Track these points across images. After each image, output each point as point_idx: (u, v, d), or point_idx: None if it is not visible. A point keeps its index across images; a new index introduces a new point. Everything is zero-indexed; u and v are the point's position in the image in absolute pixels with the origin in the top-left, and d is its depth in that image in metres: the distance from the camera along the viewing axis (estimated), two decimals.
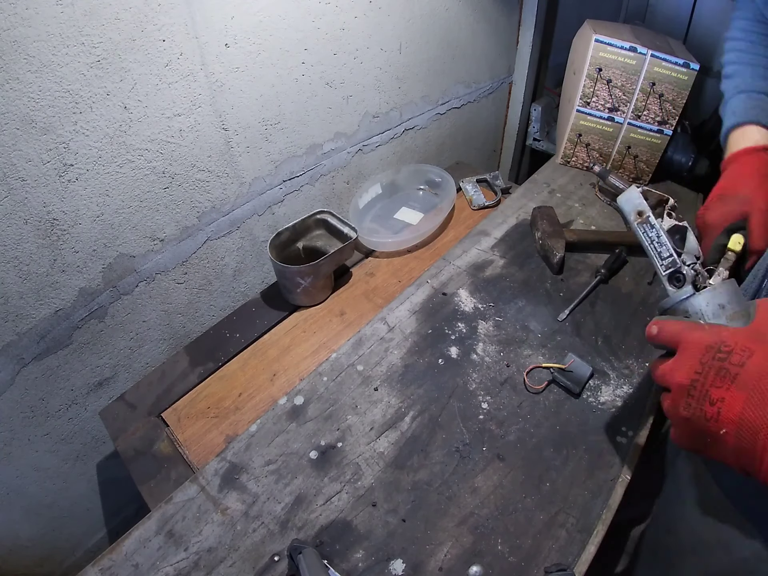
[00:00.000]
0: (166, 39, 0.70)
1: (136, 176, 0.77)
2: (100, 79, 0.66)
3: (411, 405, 0.69)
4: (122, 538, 0.57)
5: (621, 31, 1.03)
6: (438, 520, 0.58)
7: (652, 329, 0.44)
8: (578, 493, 0.60)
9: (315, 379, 0.73)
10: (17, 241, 0.68)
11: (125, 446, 0.76)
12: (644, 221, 0.47)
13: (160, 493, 0.69)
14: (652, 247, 0.46)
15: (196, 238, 0.91)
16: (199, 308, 1.00)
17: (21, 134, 0.62)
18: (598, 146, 1.11)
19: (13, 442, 0.81)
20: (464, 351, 0.76)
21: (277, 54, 0.85)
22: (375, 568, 0.55)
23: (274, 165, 0.96)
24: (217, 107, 0.81)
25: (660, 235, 0.46)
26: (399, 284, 0.97)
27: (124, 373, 0.94)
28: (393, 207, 1.15)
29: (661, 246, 0.46)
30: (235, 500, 0.60)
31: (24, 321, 0.74)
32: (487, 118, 1.49)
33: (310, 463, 0.64)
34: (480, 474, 0.62)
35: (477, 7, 1.19)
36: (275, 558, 0.55)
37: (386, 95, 1.10)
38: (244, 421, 0.76)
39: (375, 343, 0.77)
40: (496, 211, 1.04)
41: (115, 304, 0.85)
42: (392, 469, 0.63)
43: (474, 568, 0.54)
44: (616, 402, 0.69)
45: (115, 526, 1.07)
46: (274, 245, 0.90)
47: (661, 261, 0.46)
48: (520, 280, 0.87)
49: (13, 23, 0.56)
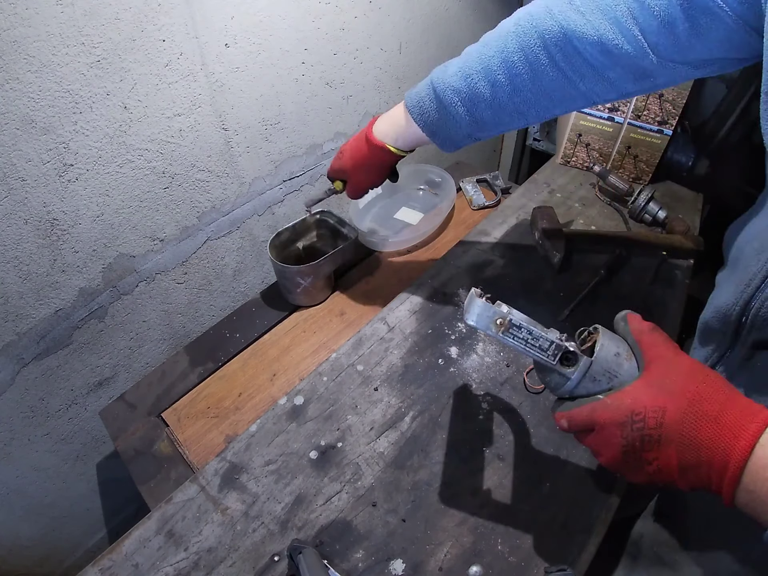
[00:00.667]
0: (166, 39, 0.70)
1: (136, 176, 0.77)
2: (100, 79, 0.66)
3: (411, 405, 0.69)
4: (122, 538, 0.57)
5: None
6: (438, 520, 0.58)
7: (562, 423, 0.43)
8: (578, 493, 0.60)
9: (315, 379, 0.73)
10: (17, 241, 0.68)
11: (125, 446, 0.76)
12: (508, 327, 0.43)
13: (160, 493, 0.69)
14: (530, 346, 0.43)
15: (196, 238, 0.91)
16: (199, 308, 1.00)
17: (21, 134, 0.62)
18: (598, 146, 1.11)
19: (13, 442, 0.81)
20: (464, 351, 0.76)
21: (277, 54, 0.85)
22: (375, 568, 0.55)
23: (274, 165, 0.96)
24: (217, 107, 0.81)
25: (531, 330, 0.43)
26: (399, 284, 0.97)
27: (124, 373, 0.94)
28: (393, 207, 1.15)
29: (538, 340, 0.43)
30: (235, 500, 0.60)
31: (24, 321, 0.75)
32: None
33: (310, 463, 0.64)
34: (480, 474, 0.62)
35: (477, 7, 1.19)
36: (275, 558, 0.55)
37: (386, 95, 1.10)
38: (244, 421, 0.76)
39: (375, 343, 0.77)
40: (496, 211, 1.04)
41: (115, 304, 0.85)
42: (392, 469, 0.63)
43: (474, 568, 0.54)
44: None
45: (115, 526, 1.07)
46: (274, 245, 0.90)
47: (546, 353, 0.43)
48: (520, 280, 0.87)
49: (13, 23, 0.56)
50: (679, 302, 0.83)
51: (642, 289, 0.86)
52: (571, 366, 0.42)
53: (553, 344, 0.43)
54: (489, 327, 0.44)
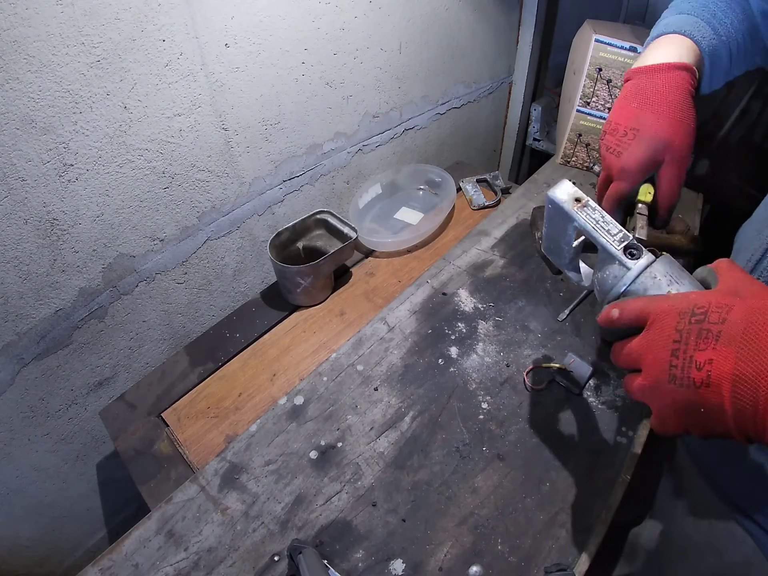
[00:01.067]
0: (166, 39, 0.70)
1: (136, 176, 0.77)
2: (100, 79, 0.66)
3: (411, 405, 0.69)
4: (122, 538, 0.57)
5: (621, 31, 1.03)
6: (438, 520, 0.58)
7: (612, 312, 0.39)
8: (578, 493, 0.60)
9: (315, 379, 0.73)
10: (17, 241, 0.68)
11: (125, 446, 0.76)
12: (584, 206, 0.45)
13: (160, 493, 0.69)
14: (599, 228, 0.44)
15: (196, 238, 0.91)
16: (199, 308, 1.00)
17: (21, 134, 0.62)
18: (598, 146, 1.11)
19: (13, 442, 0.81)
20: (464, 351, 0.76)
21: (277, 54, 0.85)
22: (375, 568, 0.55)
23: (274, 165, 0.96)
24: (217, 107, 0.81)
25: (604, 215, 0.45)
26: (399, 284, 0.97)
27: (124, 373, 0.94)
28: (393, 207, 1.15)
29: (608, 224, 0.44)
30: (235, 500, 0.60)
31: (24, 321, 0.74)
32: (487, 118, 1.49)
33: (310, 463, 0.64)
34: (480, 474, 0.62)
35: (477, 7, 1.19)
36: (275, 558, 0.55)
37: (386, 95, 1.10)
38: (244, 421, 0.76)
39: (375, 343, 0.77)
40: (496, 211, 1.04)
41: (115, 304, 0.85)
42: (392, 469, 0.63)
43: (474, 568, 0.54)
44: (616, 402, 0.69)
45: (115, 526, 1.07)
46: (274, 245, 0.90)
47: (613, 238, 0.44)
48: (520, 280, 0.87)
49: (13, 23, 0.56)
50: None
51: None
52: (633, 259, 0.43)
53: (621, 232, 0.44)
54: (567, 201, 0.45)
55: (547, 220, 0.49)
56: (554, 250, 0.50)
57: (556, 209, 0.46)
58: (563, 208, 0.45)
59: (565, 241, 0.48)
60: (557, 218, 0.46)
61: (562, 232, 0.47)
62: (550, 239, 0.50)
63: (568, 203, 0.45)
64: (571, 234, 0.47)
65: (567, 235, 0.47)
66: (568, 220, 0.45)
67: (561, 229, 0.47)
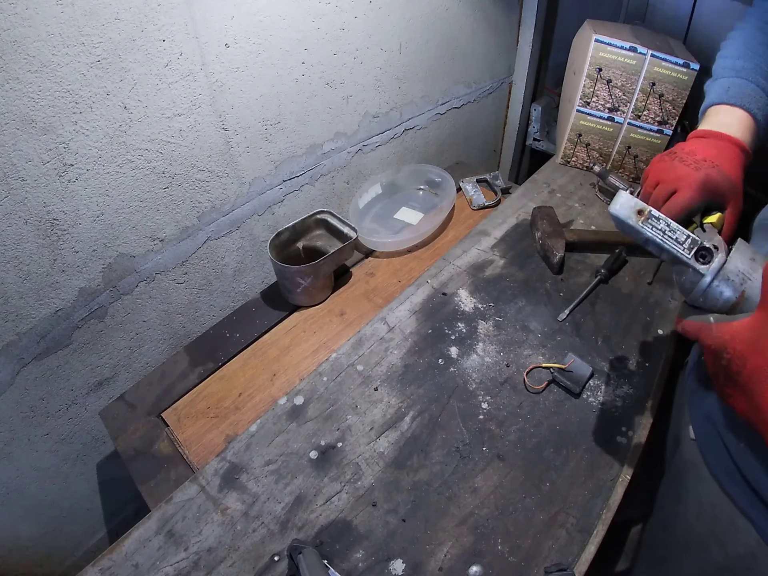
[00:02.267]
0: (166, 39, 0.70)
1: (136, 176, 0.77)
2: (100, 79, 0.66)
3: (411, 405, 0.69)
4: (122, 538, 0.57)
5: (621, 31, 1.03)
6: (438, 520, 0.58)
7: (678, 327, 0.46)
8: (578, 493, 0.60)
9: (315, 379, 0.73)
10: (17, 241, 0.68)
11: (125, 446, 0.76)
12: (647, 217, 0.46)
13: (160, 493, 0.69)
14: (667, 238, 0.45)
15: (196, 238, 0.91)
16: (199, 308, 1.00)
17: (21, 134, 0.62)
18: (598, 146, 1.11)
19: (13, 442, 0.81)
20: (464, 351, 0.76)
21: (277, 54, 0.85)
22: (375, 568, 0.55)
23: (274, 165, 0.96)
24: (217, 107, 0.81)
25: (669, 222, 0.46)
26: (399, 284, 0.97)
27: (124, 373, 0.94)
28: (393, 207, 1.15)
29: (675, 232, 0.45)
30: (235, 500, 0.60)
31: (24, 321, 0.74)
32: (487, 118, 1.49)
33: (310, 463, 0.64)
34: (480, 474, 0.62)
35: (477, 7, 1.19)
36: (275, 558, 0.55)
37: (386, 95, 1.10)
38: (244, 421, 0.76)
39: (375, 343, 0.77)
40: (496, 211, 1.04)
41: (115, 304, 0.85)
42: (392, 469, 0.63)
43: (474, 568, 0.54)
44: (616, 402, 0.69)
45: (115, 526, 1.07)
46: (274, 245, 0.90)
47: (682, 246, 0.45)
48: (520, 280, 0.87)
49: (13, 23, 0.56)
50: (679, 302, 0.83)
51: (642, 289, 0.86)
52: (705, 263, 0.44)
53: (689, 238, 0.45)
54: (630, 216, 0.46)
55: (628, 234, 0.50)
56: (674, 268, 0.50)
57: (621, 223, 0.47)
58: (628, 224, 0.46)
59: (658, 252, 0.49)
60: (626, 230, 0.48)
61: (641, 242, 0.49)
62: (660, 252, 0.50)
63: (632, 218, 0.46)
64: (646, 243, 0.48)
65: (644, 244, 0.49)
66: (634, 232, 0.47)
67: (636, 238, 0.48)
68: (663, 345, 0.77)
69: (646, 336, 0.78)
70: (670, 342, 0.77)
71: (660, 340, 0.77)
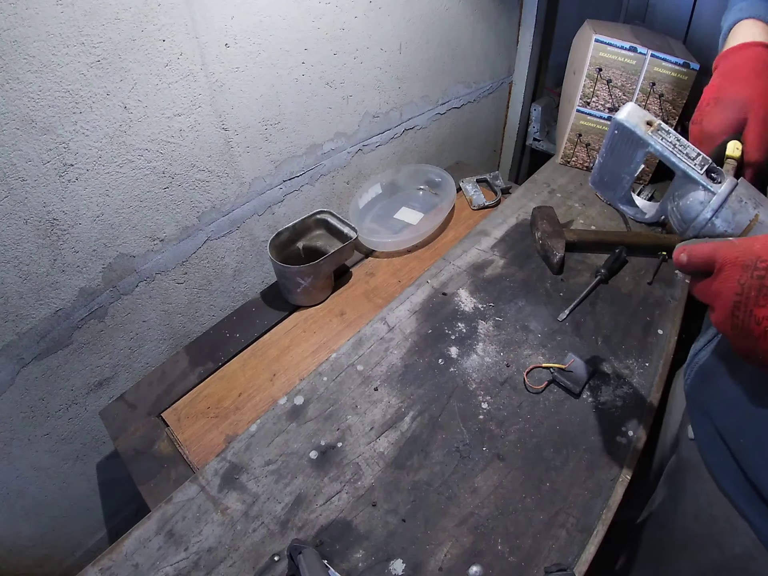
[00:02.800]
0: (166, 39, 0.70)
1: (136, 176, 0.77)
2: (100, 79, 0.66)
3: (411, 405, 0.69)
4: (122, 538, 0.57)
5: (621, 31, 1.03)
6: (438, 520, 0.58)
7: (681, 257, 0.41)
8: (578, 493, 0.60)
9: (315, 379, 0.73)
10: (17, 241, 0.68)
11: (125, 446, 0.76)
12: (657, 129, 0.42)
13: (160, 493, 0.69)
14: (677, 152, 0.42)
15: (196, 238, 0.91)
16: (199, 308, 1.00)
17: (21, 134, 0.62)
18: (598, 146, 1.11)
19: (13, 442, 0.81)
20: (464, 351, 0.76)
21: (277, 54, 0.85)
22: (375, 568, 0.55)
23: (274, 165, 0.96)
24: (217, 107, 0.81)
25: (679, 137, 0.42)
26: (399, 284, 0.97)
27: (124, 373, 0.94)
28: (393, 207, 1.15)
29: (686, 147, 0.42)
30: (235, 500, 0.60)
31: (24, 321, 0.74)
32: (487, 118, 1.49)
33: (310, 463, 0.64)
34: (480, 474, 0.62)
35: (477, 7, 1.19)
36: (275, 558, 0.55)
37: (386, 95, 1.10)
38: (244, 421, 0.76)
39: (375, 343, 0.77)
40: (496, 211, 1.04)
41: (115, 304, 0.85)
42: (392, 469, 0.63)
43: (474, 568, 0.54)
44: (616, 402, 0.69)
45: (115, 526, 1.07)
46: (274, 245, 0.90)
47: (692, 161, 0.41)
48: (520, 280, 0.87)
49: (13, 23, 0.56)
50: (680, 302, 0.83)
51: (642, 289, 0.86)
52: (717, 183, 0.41)
53: (700, 155, 0.42)
54: (638, 125, 0.43)
55: (609, 149, 0.45)
56: (610, 183, 0.47)
57: (625, 134, 0.43)
58: (635, 132, 0.42)
59: (629, 170, 0.45)
60: (624, 145, 0.43)
61: (626, 161, 0.44)
62: (606, 171, 0.47)
63: (640, 127, 0.42)
64: (638, 162, 0.44)
65: (634, 163, 0.44)
66: (639, 146, 0.42)
67: (626, 158, 0.44)
68: (663, 345, 0.77)
69: (646, 336, 0.78)
70: (670, 342, 0.77)
71: (660, 340, 0.77)
